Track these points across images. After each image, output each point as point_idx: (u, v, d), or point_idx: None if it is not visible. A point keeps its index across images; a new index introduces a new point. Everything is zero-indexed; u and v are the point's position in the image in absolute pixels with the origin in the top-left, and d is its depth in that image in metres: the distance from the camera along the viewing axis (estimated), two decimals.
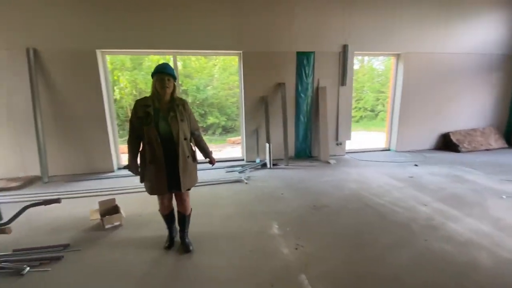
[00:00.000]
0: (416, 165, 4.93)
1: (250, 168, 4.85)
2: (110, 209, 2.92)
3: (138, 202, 3.45)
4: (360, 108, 11.61)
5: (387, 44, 5.44)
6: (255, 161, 5.27)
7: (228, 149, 7.98)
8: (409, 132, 5.99)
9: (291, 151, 5.49)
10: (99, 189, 3.94)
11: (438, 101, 5.95)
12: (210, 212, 3.12)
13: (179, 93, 2.67)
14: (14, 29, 4.13)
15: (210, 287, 1.93)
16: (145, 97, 2.13)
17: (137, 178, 2.28)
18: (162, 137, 2.06)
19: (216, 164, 4.85)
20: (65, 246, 2.45)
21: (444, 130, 6.18)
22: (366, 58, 11.11)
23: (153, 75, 2.09)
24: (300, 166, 5.05)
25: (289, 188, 3.89)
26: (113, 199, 3.02)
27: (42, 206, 2.27)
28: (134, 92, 8.67)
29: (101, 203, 2.92)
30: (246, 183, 4.12)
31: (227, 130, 10.40)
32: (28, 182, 4.29)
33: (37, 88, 4.28)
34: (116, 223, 2.82)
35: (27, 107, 4.30)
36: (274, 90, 5.19)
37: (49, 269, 2.15)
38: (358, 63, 11.48)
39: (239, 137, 8.79)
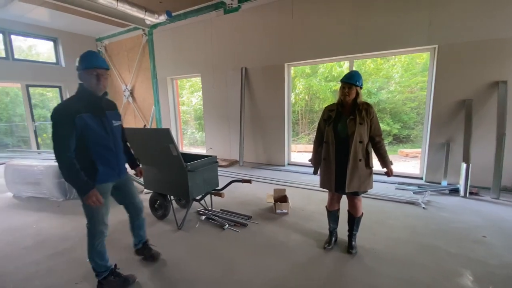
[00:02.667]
0: None
1: (431, 191, 3.88)
2: (281, 197, 3.43)
3: (302, 197, 3.78)
4: None
5: None
6: (439, 183, 4.15)
7: (400, 163, 6.85)
8: None
9: (507, 180, 3.79)
10: (273, 179, 4.71)
11: None
12: (374, 229, 2.82)
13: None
14: (237, 58, 5.80)
15: None
16: (333, 103, 2.35)
17: (304, 175, 2.50)
18: (339, 138, 2.22)
19: (384, 178, 4.36)
20: (249, 217, 3.16)
21: None
22: None
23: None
24: None
25: (499, 232, 2.71)
26: (284, 189, 3.51)
27: (239, 183, 3.07)
28: (306, 98, 9.53)
29: (275, 190, 3.48)
30: (423, 208, 3.34)
31: (399, 140, 8.97)
32: (231, 163, 5.95)
33: (244, 95, 5.79)
34: (284, 210, 3.25)
35: (237, 109, 5.94)
36: (485, 91, 3.79)
37: (239, 231, 2.86)
38: None
39: (417, 150, 7.32)
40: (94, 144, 1.83)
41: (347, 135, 2.17)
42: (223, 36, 5.90)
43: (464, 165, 3.72)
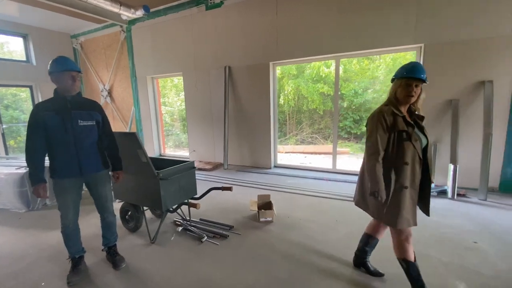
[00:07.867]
0: None
1: None
2: (265, 204, 3.21)
3: (287, 203, 3.58)
4: None
5: None
6: None
7: None
8: None
9: (494, 180, 3.76)
10: (258, 183, 4.49)
11: None
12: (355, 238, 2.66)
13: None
14: (220, 56, 5.55)
15: None
16: (387, 106, 1.68)
17: (290, 178, 2.29)
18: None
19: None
20: (230, 227, 2.92)
21: None
22: None
23: (397, 78, 1.68)
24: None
25: (490, 236, 2.61)
26: (269, 195, 3.30)
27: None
28: (296, 98, 9.39)
29: (259, 197, 3.27)
30: None
31: None
32: (215, 166, 5.68)
33: (228, 96, 5.55)
34: (268, 218, 3.04)
35: (221, 110, 5.69)
36: (471, 91, 3.74)
37: (218, 243, 2.62)
38: None
39: None
40: (53, 141, 1.96)
41: (426, 150, 1.68)
42: (205, 33, 5.63)
43: (451, 166, 3.64)
